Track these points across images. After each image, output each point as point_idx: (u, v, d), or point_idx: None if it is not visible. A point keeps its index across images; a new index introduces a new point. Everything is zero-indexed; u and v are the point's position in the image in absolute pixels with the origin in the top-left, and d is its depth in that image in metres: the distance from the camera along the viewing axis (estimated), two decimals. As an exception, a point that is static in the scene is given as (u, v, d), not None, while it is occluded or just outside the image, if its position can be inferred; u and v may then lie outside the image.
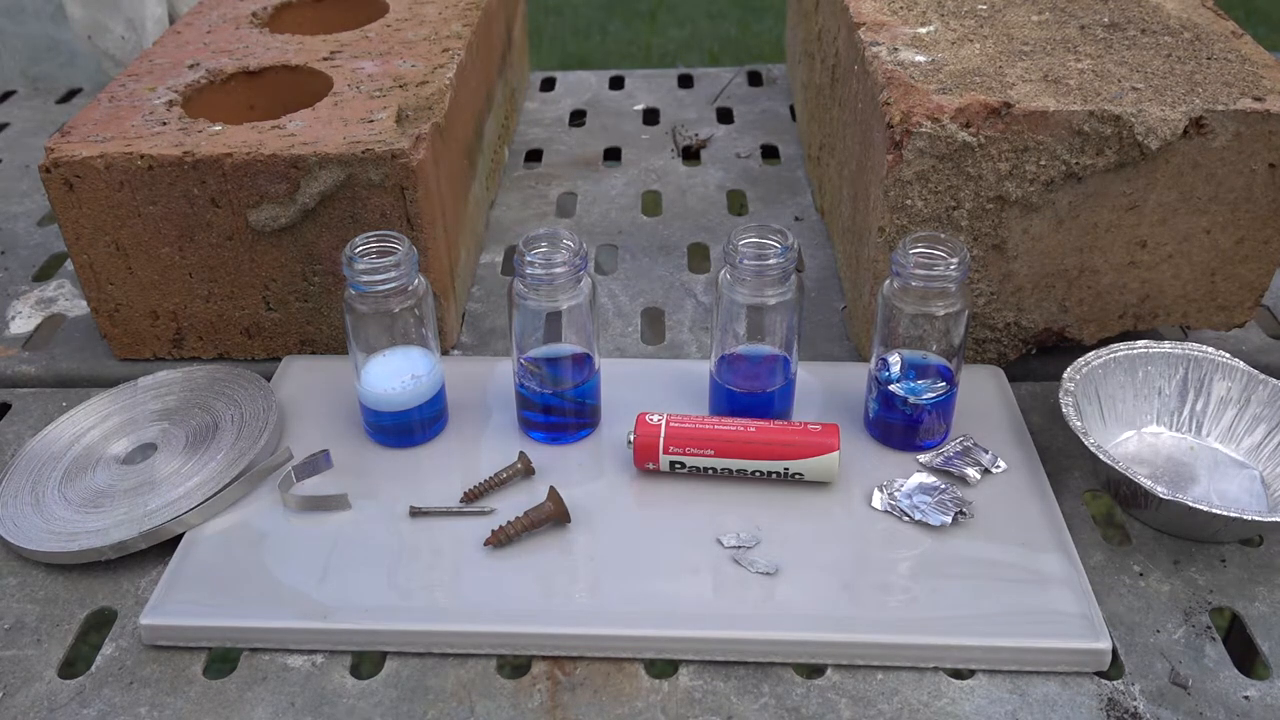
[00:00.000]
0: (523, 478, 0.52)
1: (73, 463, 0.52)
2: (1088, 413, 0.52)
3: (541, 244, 0.49)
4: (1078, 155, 0.52)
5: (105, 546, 0.47)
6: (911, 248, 0.49)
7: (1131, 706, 0.42)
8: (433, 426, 0.54)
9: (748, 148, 0.87)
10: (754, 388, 0.54)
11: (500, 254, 0.73)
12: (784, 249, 0.49)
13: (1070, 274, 0.57)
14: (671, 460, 0.50)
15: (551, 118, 0.93)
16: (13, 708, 0.42)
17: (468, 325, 0.65)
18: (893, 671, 0.43)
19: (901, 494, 0.50)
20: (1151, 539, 0.50)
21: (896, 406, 0.52)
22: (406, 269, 0.49)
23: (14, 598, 0.47)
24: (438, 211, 0.58)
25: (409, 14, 0.71)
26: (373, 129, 0.56)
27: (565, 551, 0.48)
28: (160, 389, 0.57)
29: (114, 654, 0.45)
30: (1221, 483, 0.52)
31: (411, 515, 0.49)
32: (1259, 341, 0.63)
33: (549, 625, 0.44)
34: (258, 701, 0.42)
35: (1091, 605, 0.44)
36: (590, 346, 0.52)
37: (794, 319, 0.51)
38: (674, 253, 0.73)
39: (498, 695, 0.43)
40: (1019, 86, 0.53)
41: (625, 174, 0.83)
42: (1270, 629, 0.45)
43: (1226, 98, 0.52)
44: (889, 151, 0.53)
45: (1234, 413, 0.53)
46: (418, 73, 0.63)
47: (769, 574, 0.46)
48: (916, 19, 0.63)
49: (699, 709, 0.42)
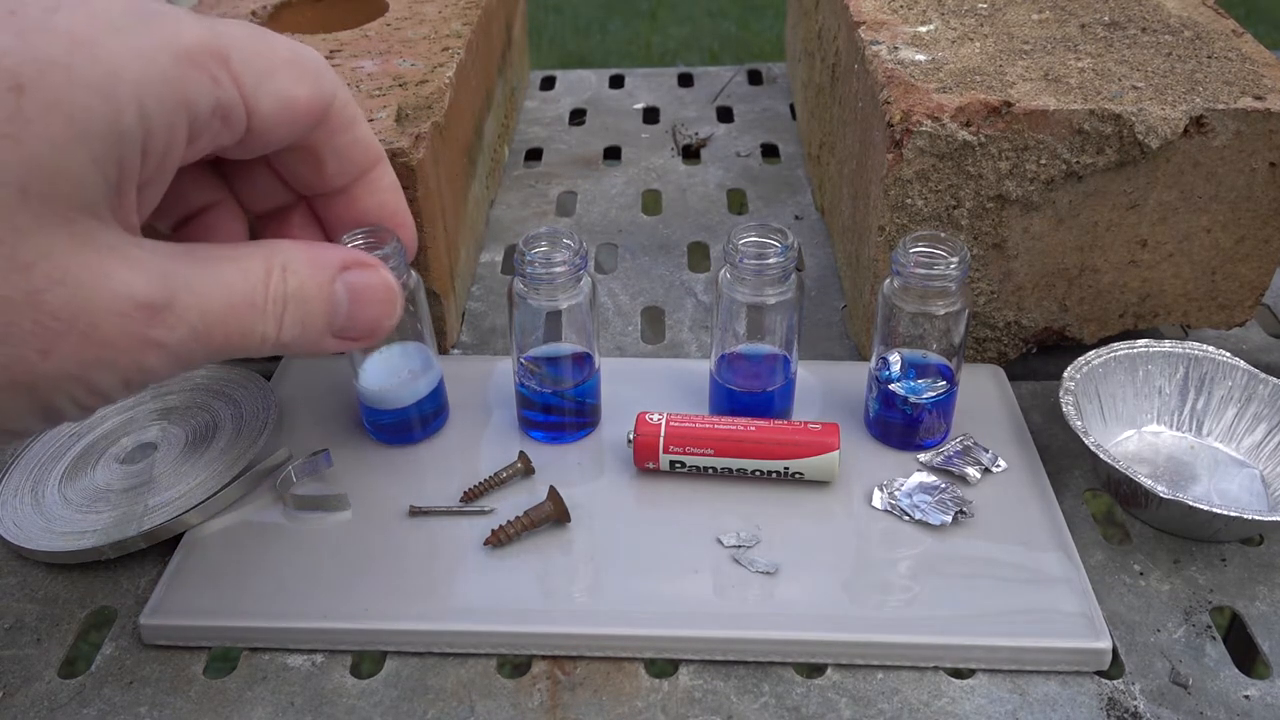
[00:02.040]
0: (522, 477, 0.52)
1: (73, 462, 0.52)
2: (1088, 412, 0.52)
3: (541, 243, 0.49)
4: (1078, 154, 0.52)
5: (105, 546, 0.47)
6: (911, 247, 0.49)
7: (1132, 706, 0.42)
8: (433, 422, 0.54)
9: (748, 146, 0.87)
10: (754, 387, 0.54)
11: (500, 253, 0.73)
12: (784, 248, 0.49)
13: (1070, 273, 0.57)
14: (671, 460, 0.50)
15: (551, 116, 0.93)
16: (12, 707, 0.42)
17: (468, 324, 0.65)
18: (893, 671, 0.43)
19: (901, 493, 0.50)
20: (1152, 538, 0.50)
21: (896, 406, 0.52)
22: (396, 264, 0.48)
23: (14, 597, 0.47)
24: (438, 211, 0.58)
25: (409, 13, 0.71)
26: (372, 128, 0.56)
27: (565, 551, 0.48)
28: (160, 389, 0.57)
29: (114, 654, 0.45)
30: (1222, 482, 0.52)
31: (411, 515, 0.49)
32: (1260, 340, 0.63)
33: (549, 625, 0.44)
34: (258, 701, 0.42)
35: (1092, 604, 0.44)
36: (590, 346, 0.52)
37: (794, 318, 0.51)
38: (674, 252, 0.73)
39: (498, 695, 0.43)
40: (1019, 85, 0.53)
41: (625, 173, 0.83)
42: (1271, 628, 0.45)
43: (1227, 96, 0.52)
44: (889, 150, 0.53)
45: (1234, 412, 0.53)
46: (417, 72, 0.63)
47: (769, 573, 0.46)
48: (917, 18, 0.62)
49: (699, 708, 0.42)
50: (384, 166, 0.40)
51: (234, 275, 0.32)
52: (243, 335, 0.32)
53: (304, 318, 0.33)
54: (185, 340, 0.30)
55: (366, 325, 0.36)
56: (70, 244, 0.27)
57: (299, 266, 0.33)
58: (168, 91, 0.29)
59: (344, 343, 0.36)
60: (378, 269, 0.36)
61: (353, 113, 0.37)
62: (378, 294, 0.36)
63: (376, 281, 0.36)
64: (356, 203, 0.40)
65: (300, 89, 0.33)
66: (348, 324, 0.35)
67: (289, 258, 0.33)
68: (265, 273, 0.32)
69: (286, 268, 0.33)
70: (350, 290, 0.35)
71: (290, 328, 0.33)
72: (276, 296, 0.32)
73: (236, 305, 0.31)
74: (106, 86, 0.27)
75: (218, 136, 0.32)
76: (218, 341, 0.31)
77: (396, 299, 0.37)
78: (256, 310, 0.32)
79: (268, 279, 0.32)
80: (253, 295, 0.32)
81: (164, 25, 0.29)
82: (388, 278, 0.36)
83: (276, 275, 0.32)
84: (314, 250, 0.34)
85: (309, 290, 0.33)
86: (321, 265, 0.34)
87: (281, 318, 0.32)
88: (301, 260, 0.33)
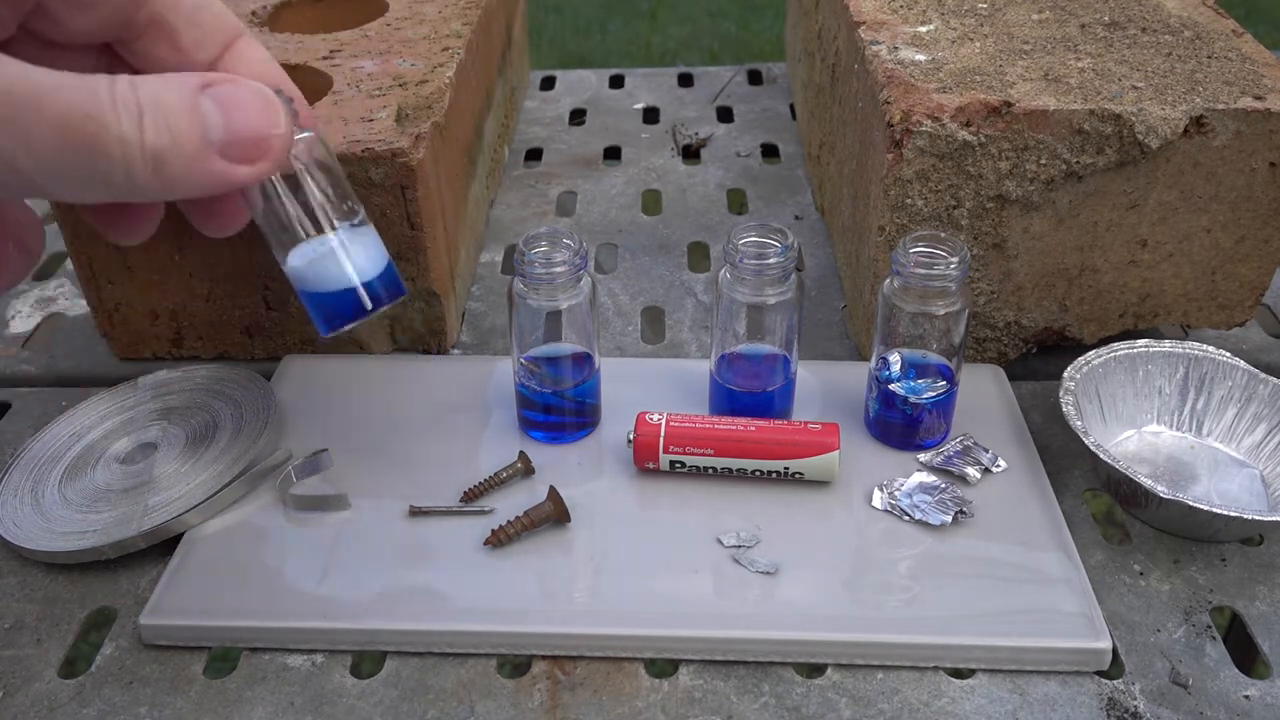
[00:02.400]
0: (522, 477, 0.52)
1: (73, 462, 0.52)
2: (1088, 412, 0.52)
3: (541, 243, 0.49)
4: (1078, 154, 0.52)
5: (105, 546, 0.47)
6: (911, 247, 0.49)
7: (1132, 706, 0.42)
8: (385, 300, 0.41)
9: (748, 146, 0.87)
10: (754, 387, 0.54)
11: (500, 253, 0.73)
12: (784, 248, 0.49)
13: (1070, 273, 0.57)
14: (671, 460, 0.50)
15: (551, 116, 0.93)
16: (12, 707, 0.42)
17: (468, 324, 0.65)
18: (893, 671, 0.43)
19: (901, 493, 0.50)
20: (1152, 538, 0.50)
21: (896, 405, 0.52)
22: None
23: (14, 597, 0.47)
24: (438, 211, 0.58)
25: (409, 13, 0.71)
26: (372, 128, 0.56)
27: (565, 551, 0.48)
28: (160, 388, 0.57)
29: (114, 654, 0.45)
30: (1222, 482, 0.51)
31: (411, 515, 0.49)
32: (1259, 340, 0.63)
33: (549, 625, 0.44)
34: (258, 701, 0.42)
35: (1092, 604, 0.44)
36: (590, 346, 0.52)
37: (794, 318, 0.51)
38: (674, 252, 0.73)
39: (498, 695, 0.43)
40: (1019, 85, 0.53)
41: (625, 173, 0.83)
42: (1270, 628, 0.45)
43: (1227, 96, 0.52)
44: (889, 150, 0.53)
45: (1234, 411, 0.53)
46: (417, 72, 0.63)
47: (769, 573, 0.46)
48: (917, 18, 0.62)
49: (699, 708, 0.42)
50: (248, 39, 0.37)
51: (70, 77, 0.29)
52: (91, 141, 0.29)
53: (170, 125, 0.30)
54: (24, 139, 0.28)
55: (250, 135, 0.32)
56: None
57: (150, 83, 0.30)
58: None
59: (238, 166, 0.32)
60: (241, 81, 0.33)
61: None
62: (252, 101, 0.33)
63: (246, 90, 0.33)
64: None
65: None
66: (228, 136, 0.32)
67: (136, 79, 0.30)
68: (109, 82, 0.29)
69: (133, 82, 0.30)
70: (219, 101, 0.32)
71: (156, 133, 0.30)
72: (126, 99, 0.29)
73: (81, 102, 0.28)
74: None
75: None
76: (54, 146, 0.28)
77: (276, 107, 0.33)
78: (104, 105, 0.29)
79: (112, 86, 0.29)
80: (96, 90, 0.29)
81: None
82: (260, 87, 0.33)
83: (123, 84, 0.30)
84: (165, 75, 0.32)
85: (167, 99, 0.30)
86: (176, 82, 0.31)
87: (140, 121, 0.30)
88: (151, 80, 0.31)
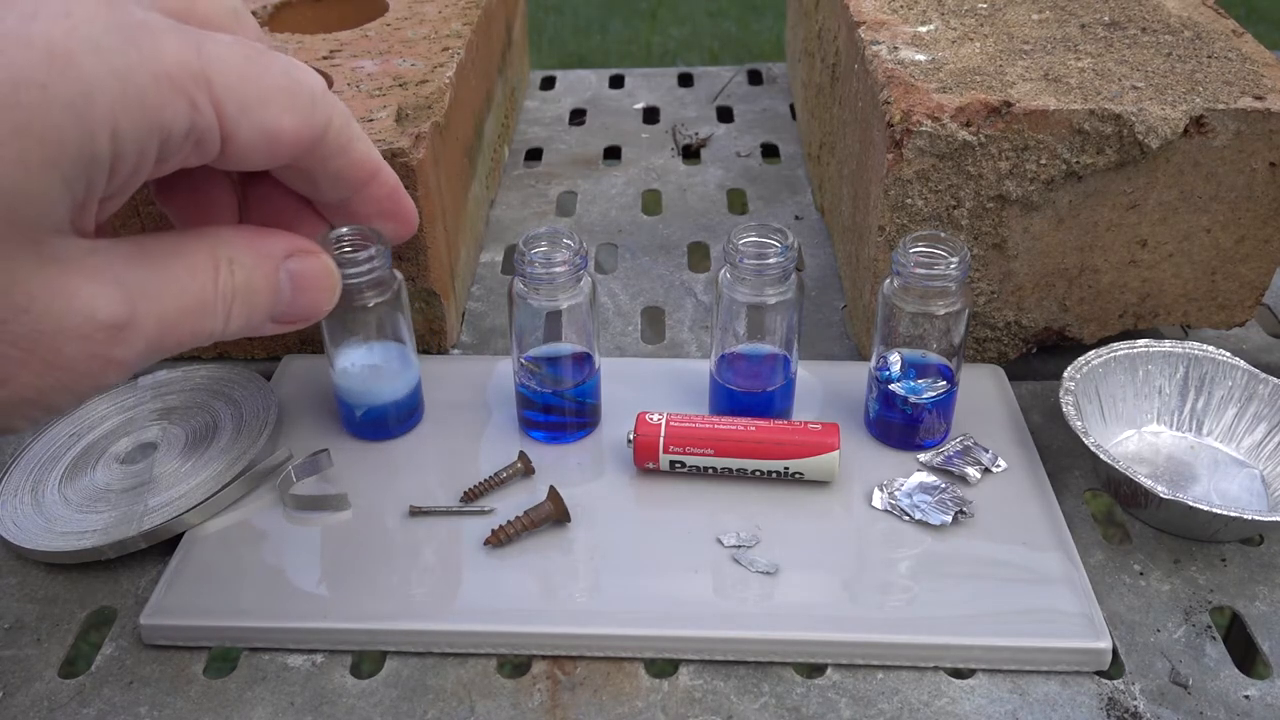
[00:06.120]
0: (522, 477, 0.52)
1: (73, 462, 0.52)
2: (1088, 412, 0.52)
3: (541, 243, 0.49)
4: (1078, 154, 0.52)
5: (105, 546, 0.47)
6: (912, 247, 0.49)
7: (1132, 706, 0.42)
8: (407, 420, 0.55)
9: (748, 146, 0.87)
10: (754, 387, 0.54)
11: (500, 253, 0.73)
12: (784, 248, 0.49)
13: (1070, 273, 0.57)
14: (671, 459, 0.50)
15: (551, 116, 0.93)
16: (12, 707, 0.42)
17: (468, 324, 0.65)
18: (893, 671, 0.43)
19: (901, 493, 0.50)
20: (1152, 538, 0.50)
21: (896, 405, 0.52)
22: (378, 265, 0.48)
23: (14, 597, 0.47)
24: (438, 211, 0.58)
25: (409, 13, 0.71)
26: (372, 128, 0.56)
27: (565, 551, 0.48)
28: (160, 389, 0.57)
29: (114, 654, 0.45)
30: (1222, 482, 0.52)
31: (411, 515, 0.49)
32: (1259, 340, 0.63)
33: (549, 625, 0.44)
34: (258, 701, 0.42)
35: (1092, 604, 0.44)
36: (590, 346, 0.52)
37: (794, 318, 0.51)
38: (674, 252, 0.73)
39: (498, 695, 0.43)
40: (1019, 85, 0.53)
41: (625, 173, 0.83)
42: (1271, 628, 0.45)
43: (1227, 96, 0.52)
44: (889, 150, 0.53)
45: (1234, 411, 0.53)
46: (417, 72, 0.63)
47: (769, 573, 0.46)
48: (917, 18, 0.62)
49: (699, 708, 0.42)
50: (381, 177, 0.39)
51: (184, 274, 0.31)
52: (194, 336, 0.32)
53: (250, 310, 0.33)
54: (143, 353, 0.30)
55: (305, 310, 0.36)
56: (34, 265, 0.27)
57: (244, 259, 0.33)
58: (142, 115, 0.28)
59: (280, 326, 0.36)
60: (319, 255, 0.36)
61: (348, 137, 0.36)
62: (319, 280, 0.36)
63: (318, 267, 0.36)
64: (352, 213, 0.39)
65: (287, 119, 0.31)
66: (288, 310, 0.35)
67: (234, 250, 0.33)
68: (213, 269, 0.32)
69: (233, 260, 0.33)
70: (293, 277, 0.35)
71: (236, 320, 0.33)
72: (225, 292, 0.32)
73: (189, 308, 0.31)
74: (81, 108, 0.26)
75: (188, 159, 0.31)
76: (170, 346, 0.31)
77: (336, 284, 0.37)
78: (208, 309, 0.32)
79: (216, 275, 0.32)
80: (204, 294, 0.32)
81: (146, 42, 0.27)
82: (328, 263, 0.36)
83: (224, 271, 0.32)
84: (257, 239, 0.34)
85: (256, 283, 0.33)
86: (266, 255, 0.34)
87: (229, 312, 0.33)
88: (246, 251, 0.33)
